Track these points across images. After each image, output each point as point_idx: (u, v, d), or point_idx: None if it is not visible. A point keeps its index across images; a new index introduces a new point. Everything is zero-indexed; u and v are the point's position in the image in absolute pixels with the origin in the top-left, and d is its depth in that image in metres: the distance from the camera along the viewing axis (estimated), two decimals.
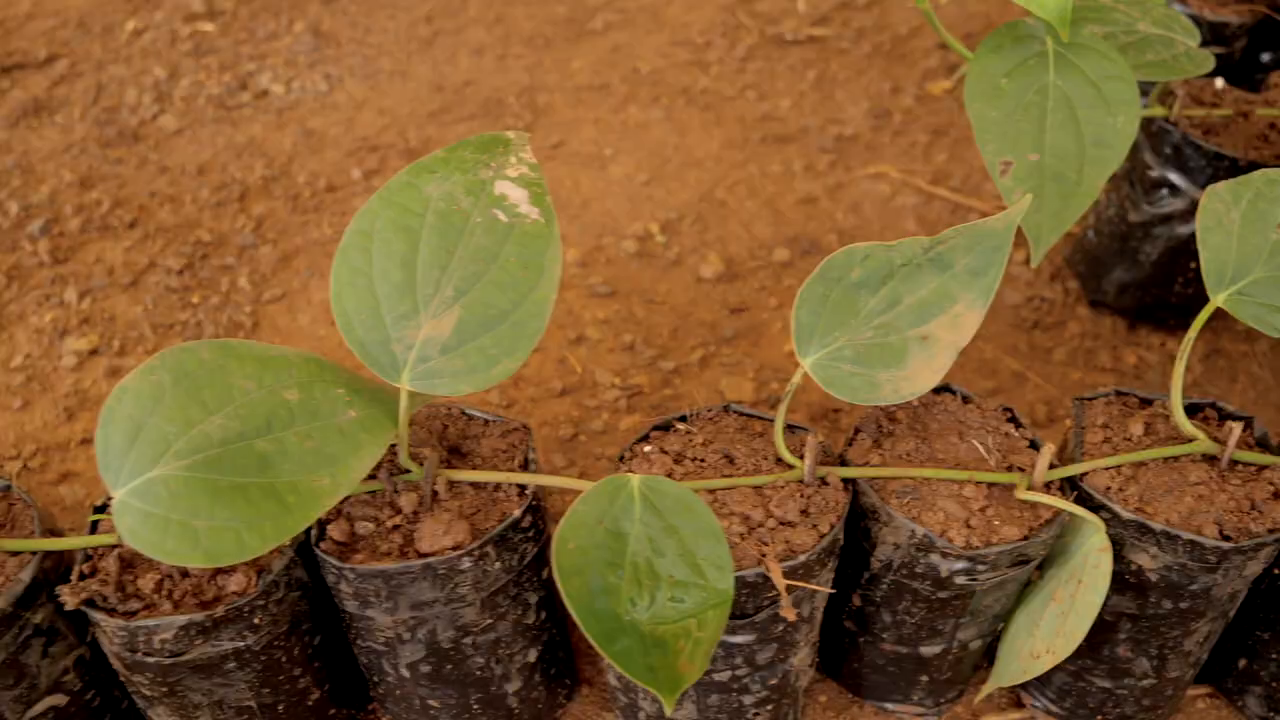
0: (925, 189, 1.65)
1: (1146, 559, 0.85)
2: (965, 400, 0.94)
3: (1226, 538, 0.83)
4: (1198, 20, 1.47)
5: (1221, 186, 0.87)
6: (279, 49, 1.97)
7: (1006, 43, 1.05)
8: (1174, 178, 1.28)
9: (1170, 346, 1.41)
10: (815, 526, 0.83)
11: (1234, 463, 0.88)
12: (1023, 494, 0.85)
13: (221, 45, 1.97)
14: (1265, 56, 1.56)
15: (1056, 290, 1.48)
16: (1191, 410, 0.95)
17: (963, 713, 1.02)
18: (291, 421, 0.75)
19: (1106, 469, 0.87)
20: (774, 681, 0.89)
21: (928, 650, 0.93)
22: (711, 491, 0.84)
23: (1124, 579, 0.88)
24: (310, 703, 0.90)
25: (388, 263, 0.78)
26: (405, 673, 0.87)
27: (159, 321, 1.41)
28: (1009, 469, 0.88)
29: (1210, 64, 1.13)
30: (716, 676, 0.86)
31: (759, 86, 1.87)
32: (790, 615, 0.80)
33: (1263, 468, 0.88)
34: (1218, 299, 0.84)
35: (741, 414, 0.92)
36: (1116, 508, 0.85)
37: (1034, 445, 0.91)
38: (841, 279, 0.83)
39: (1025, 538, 0.83)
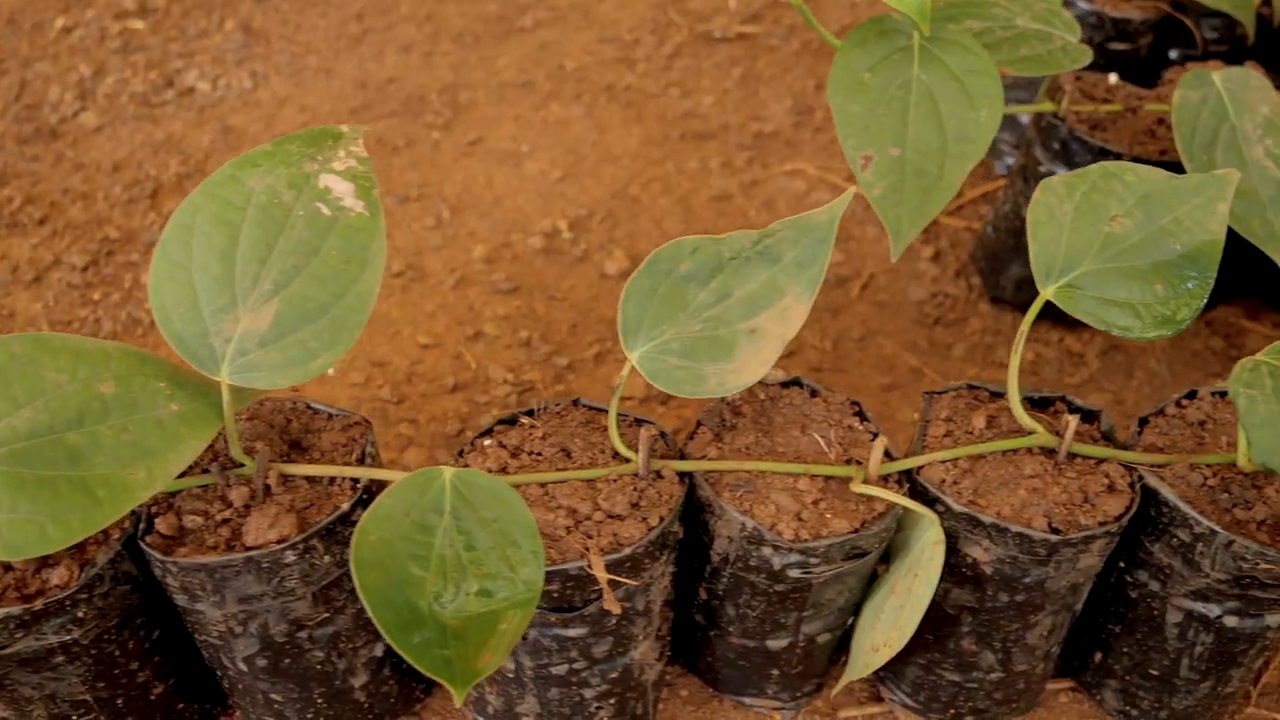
0: (841, 186, 1.65)
1: (980, 552, 0.85)
2: (813, 394, 0.94)
3: (1056, 530, 0.83)
4: (1100, 17, 1.47)
5: (1057, 180, 0.87)
6: (208, 47, 1.96)
7: (871, 37, 1.05)
8: (1063, 173, 1.27)
9: (1068, 342, 1.41)
10: (645, 520, 0.83)
11: (1073, 456, 0.88)
12: (858, 487, 0.85)
13: (151, 43, 1.97)
14: (1174, 53, 1.56)
15: (960, 287, 1.48)
16: (1043, 404, 0.95)
17: (823, 707, 1.02)
18: (106, 415, 0.75)
19: (943, 462, 0.87)
20: (614, 675, 0.89)
21: (774, 644, 0.93)
22: (543, 485, 0.84)
23: (961, 572, 0.88)
24: (153, 697, 0.90)
25: (207, 256, 0.78)
26: (243, 666, 0.87)
27: (58, 319, 1.41)
28: (849, 462, 0.88)
29: (1087, 58, 1.14)
30: (554, 670, 0.86)
31: (683, 84, 1.87)
32: (614, 608, 0.80)
33: (1101, 461, 0.88)
34: (1047, 292, 0.84)
35: (589, 408, 0.92)
36: (949, 500, 0.85)
37: (876, 439, 0.90)
38: (670, 272, 0.83)
39: (856, 531, 0.83)
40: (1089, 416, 0.94)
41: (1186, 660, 0.92)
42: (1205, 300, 0.84)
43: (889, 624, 0.87)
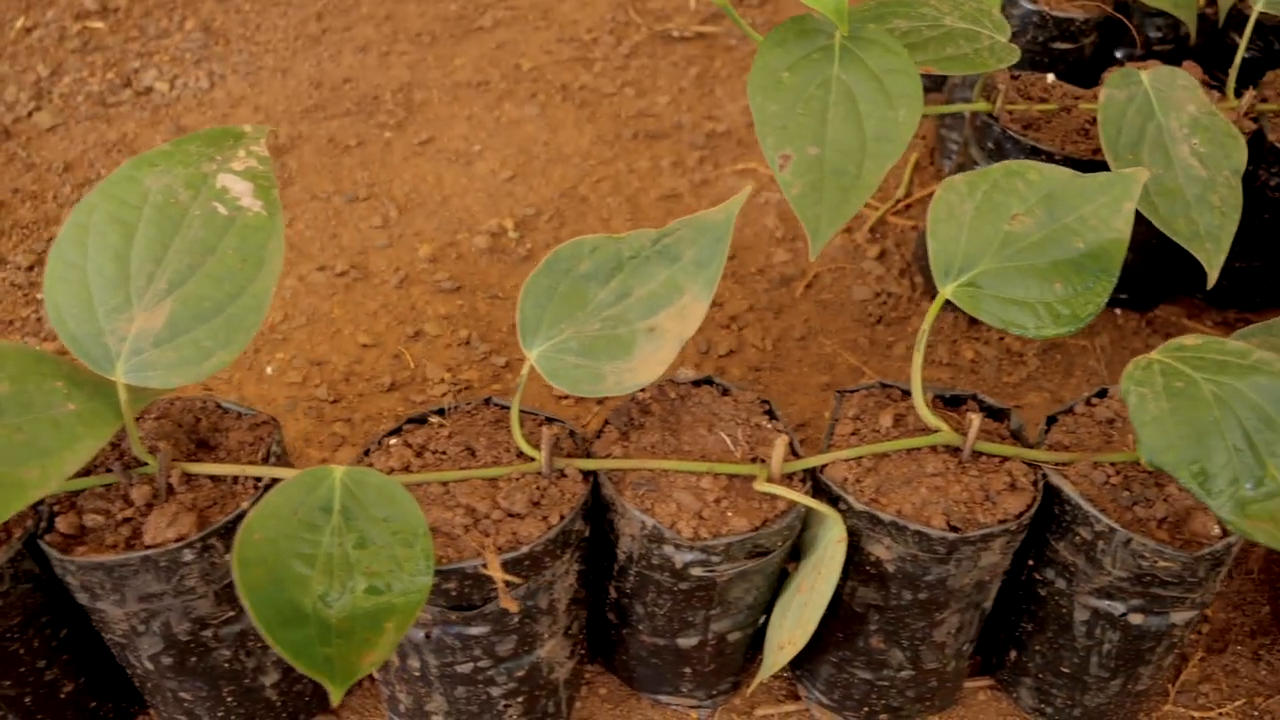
0: None
1: (882, 550, 0.86)
2: (724, 392, 0.94)
3: (955, 528, 0.83)
4: (1043, 17, 1.48)
5: (959, 178, 0.87)
6: (167, 46, 1.97)
7: (791, 37, 1.05)
8: None
9: (1008, 341, 1.41)
10: (545, 518, 0.83)
11: (978, 454, 0.88)
12: (761, 486, 0.85)
13: (110, 43, 1.97)
14: (1120, 53, 1.56)
15: (904, 286, 1.49)
16: (955, 402, 0.95)
17: (741, 705, 1.02)
18: (0, 414, 0.75)
19: (847, 461, 0.87)
20: (521, 673, 0.89)
21: (685, 642, 0.93)
22: (444, 484, 0.84)
23: (866, 570, 0.88)
24: (63, 695, 0.90)
25: (102, 256, 0.78)
26: (149, 665, 0.87)
27: (0, 318, 1.41)
28: (754, 461, 0.89)
29: (1014, 57, 1.14)
30: (459, 668, 0.87)
31: (639, 83, 1.87)
32: (512, 606, 0.81)
33: (1005, 459, 0.88)
34: (945, 291, 0.84)
35: (500, 406, 0.93)
36: (851, 499, 0.85)
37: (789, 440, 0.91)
38: (570, 271, 0.83)
39: (756, 529, 0.83)
40: (999, 415, 0.94)
41: (1095, 658, 0.92)
42: (1107, 298, 0.85)
43: (794, 622, 0.87)
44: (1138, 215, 0.94)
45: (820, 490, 0.87)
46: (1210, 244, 1.12)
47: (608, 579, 0.92)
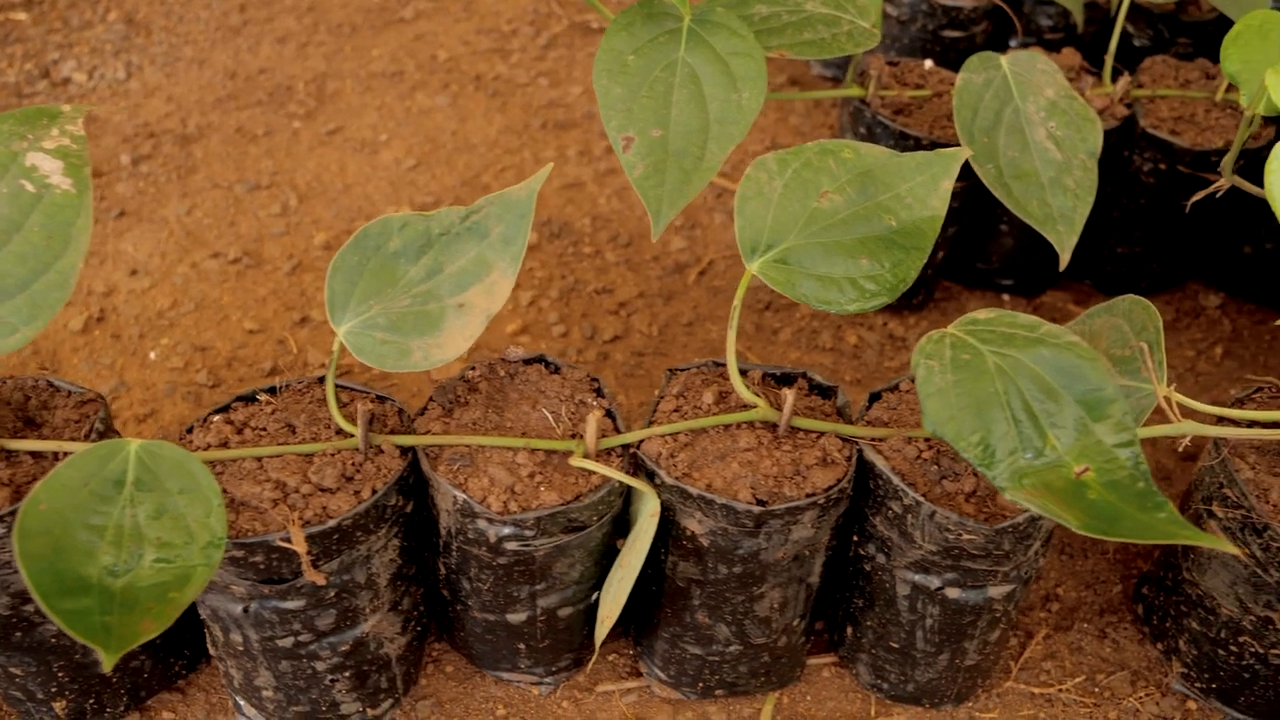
0: None
1: (695, 524, 0.87)
2: (555, 370, 0.95)
3: (761, 502, 0.84)
4: (932, 5, 1.49)
5: (770, 156, 0.88)
6: (89, 38, 1.97)
7: (639, 20, 1.06)
8: None
9: (891, 326, 1.42)
10: (357, 493, 0.84)
11: (795, 430, 0.89)
12: (576, 461, 0.86)
13: (32, 34, 1.98)
14: (1013, 42, 1.57)
15: None
16: (786, 379, 0.96)
17: (584, 682, 1.03)
18: None
19: (663, 436, 0.88)
20: (345, 648, 0.90)
21: (514, 618, 0.94)
22: (258, 460, 0.85)
23: (684, 545, 0.89)
24: None
25: None
26: None
27: None
28: (575, 437, 0.89)
29: (872, 42, 1.15)
30: (280, 643, 0.88)
31: (554, 74, 1.88)
32: (317, 579, 0.81)
33: (821, 435, 0.89)
34: (752, 267, 0.85)
35: (340, 386, 0.93)
36: (663, 474, 0.86)
37: (610, 415, 0.92)
38: (380, 248, 0.84)
39: (567, 503, 0.84)
40: (827, 393, 0.95)
41: (920, 633, 0.93)
42: (917, 273, 0.86)
43: (612, 595, 0.88)
44: None
45: (638, 466, 0.88)
46: (1063, 225, 1.13)
47: (436, 555, 0.93)
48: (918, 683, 0.98)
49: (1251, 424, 0.91)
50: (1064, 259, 1.14)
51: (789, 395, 0.87)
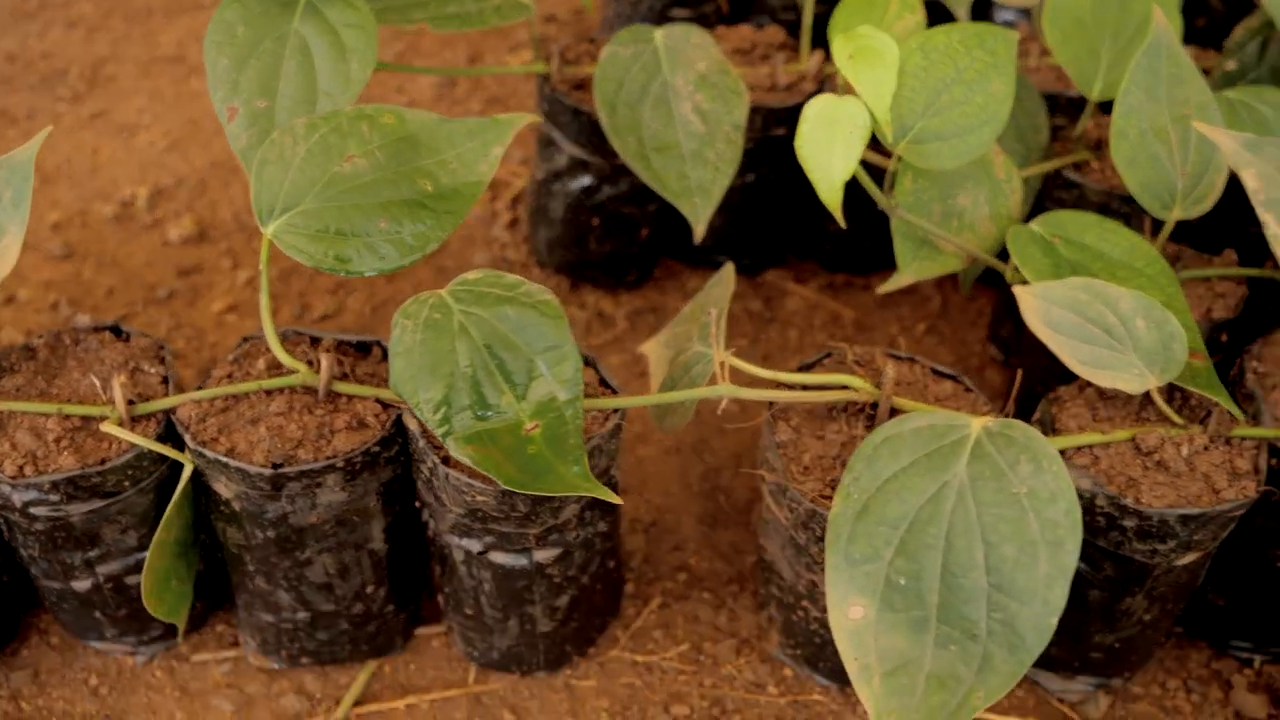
0: None
1: (224, 488, 0.87)
2: (127, 339, 0.95)
3: (276, 466, 0.84)
4: None
5: (300, 121, 0.89)
6: None
7: None
8: (555, 134, 1.29)
9: (603, 305, 1.42)
10: None
11: (338, 395, 0.89)
12: (107, 427, 0.86)
13: None
14: (763, 20, 1.58)
15: (522, 252, 1.50)
16: (362, 348, 0.96)
17: (185, 651, 1.03)
18: None
19: (200, 402, 0.88)
20: None
21: (80, 585, 0.94)
22: None
23: (222, 510, 0.89)
24: None
25: None
26: None
27: None
28: (131, 403, 0.90)
29: (522, 15, 1.15)
30: None
31: None
32: None
33: (362, 399, 0.89)
34: (267, 232, 0.85)
35: None
36: (189, 438, 0.86)
37: (166, 383, 0.92)
38: None
39: (84, 467, 0.85)
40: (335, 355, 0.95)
41: (484, 599, 0.93)
42: (446, 236, 0.86)
43: (147, 562, 0.88)
44: None
45: (172, 431, 0.88)
46: (700, 198, 1.14)
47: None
48: (500, 650, 0.98)
49: (804, 388, 0.91)
50: (698, 231, 1.14)
51: (325, 360, 0.87)
